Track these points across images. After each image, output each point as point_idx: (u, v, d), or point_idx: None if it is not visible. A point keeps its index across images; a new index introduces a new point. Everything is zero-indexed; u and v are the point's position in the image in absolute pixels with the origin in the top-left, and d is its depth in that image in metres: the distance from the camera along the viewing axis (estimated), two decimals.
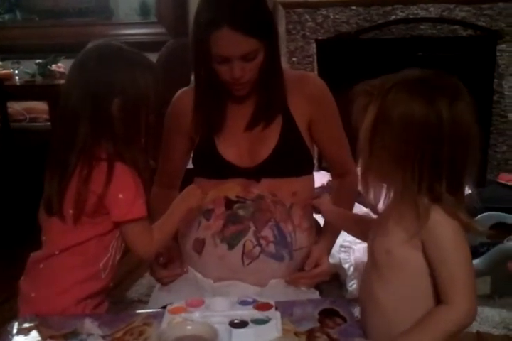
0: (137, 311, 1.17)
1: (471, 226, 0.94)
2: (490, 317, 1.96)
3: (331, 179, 1.55)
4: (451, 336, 0.92)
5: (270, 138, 1.35)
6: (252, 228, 1.30)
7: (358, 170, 1.28)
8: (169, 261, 1.38)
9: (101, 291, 1.21)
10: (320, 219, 1.46)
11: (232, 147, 1.37)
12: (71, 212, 1.15)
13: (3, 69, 3.24)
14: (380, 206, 1.06)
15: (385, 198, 0.99)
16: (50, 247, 1.19)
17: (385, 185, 0.98)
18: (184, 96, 1.42)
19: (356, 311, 1.12)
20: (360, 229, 1.19)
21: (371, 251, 1.02)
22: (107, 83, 1.14)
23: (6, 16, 3.86)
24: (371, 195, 1.00)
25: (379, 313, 0.99)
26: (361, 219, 1.26)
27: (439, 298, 0.94)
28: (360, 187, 1.00)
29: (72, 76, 1.20)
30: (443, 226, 0.92)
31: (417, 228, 0.92)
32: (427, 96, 0.89)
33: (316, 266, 1.33)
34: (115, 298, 1.28)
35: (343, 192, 1.47)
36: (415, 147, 0.89)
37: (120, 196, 1.13)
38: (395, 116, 0.90)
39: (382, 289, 0.99)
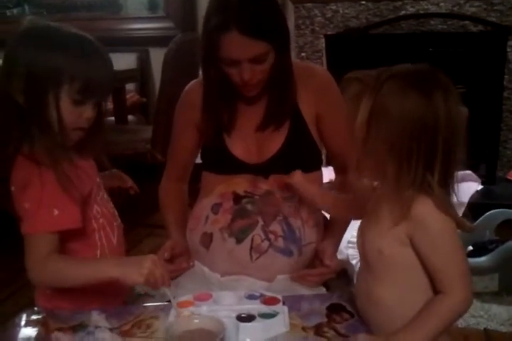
0: (145, 304, 1.17)
1: (460, 222, 0.93)
2: (498, 315, 1.95)
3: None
4: (451, 324, 0.93)
5: (278, 135, 1.35)
6: (260, 222, 1.30)
7: None
8: (176, 255, 1.38)
9: None
10: (328, 215, 1.46)
11: (241, 143, 1.36)
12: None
13: None
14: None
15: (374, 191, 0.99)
16: None
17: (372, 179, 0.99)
18: (196, 88, 1.41)
19: None
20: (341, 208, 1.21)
21: (362, 251, 1.01)
22: (9, 59, 1.03)
23: (15, 10, 3.88)
24: (360, 188, 1.01)
25: (380, 312, 0.98)
26: (339, 199, 1.23)
27: (435, 288, 0.94)
28: (350, 179, 1.00)
29: None
30: (430, 216, 0.91)
31: (401, 218, 0.92)
32: (423, 89, 0.90)
33: (324, 263, 1.30)
34: None
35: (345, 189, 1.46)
36: (411, 138, 0.89)
37: (27, 206, 1.03)
38: (391, 109, 0.89)
39: (379, 288, 0.98)
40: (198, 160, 1.48)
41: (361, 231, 1.03)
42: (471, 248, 2.19)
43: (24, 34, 1.05)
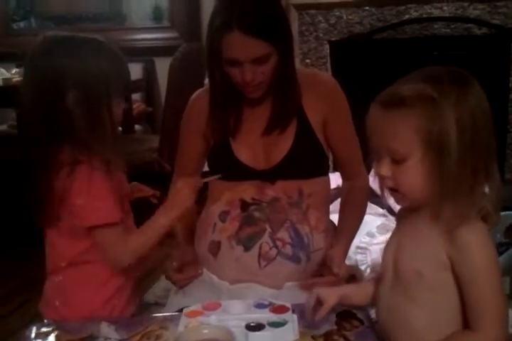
0: (154, 315, 1.17)
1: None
2: (509, 318, 1.93)
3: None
4: None
5: (285, 140, 1.35)
6: (268, 230, 1.30)
7: (371, 173, 1.25)
8: (184, 264, 1.38)
9: (126, 284, 1.21)
10: (336, 221, 1.45)
11: (248, 149, 1.36)
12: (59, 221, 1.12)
13: (19, 76, 3.27)
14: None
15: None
16: (56, 261, 1.18)
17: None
18: (201, 97, 1.42)
19: (373, 313, 1.11)
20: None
21: (394, 270, 0.96)
22: (55, 76, 1.05)
23: (22, 24, 3.91)
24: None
25: (406, 331, 0.93)
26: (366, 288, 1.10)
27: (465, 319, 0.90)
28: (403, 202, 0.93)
29: (23, 76, 1.12)
30: (476, 245, 0.86)
31: (446, 238, 0.86)
32: (473, 80, 0.88)
33: (332, 271, 1.28)
34: None
35: (354, 195, 1.45)
36: (492, 132, 0.87)
37: (78, 201, 1.08)
38: (476, 111, 0.85)
39: (410, 308, 0.92)
40: (205, 169, 1.48)
41: (395, 249, 0.97)
42: None
43: (57, 48, 1.08)
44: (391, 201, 1.00)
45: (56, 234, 1.15)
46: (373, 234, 2.08)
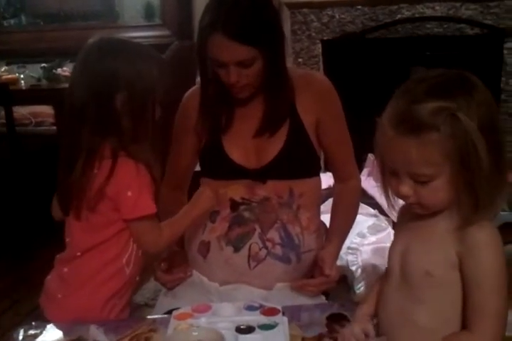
0: (143, 317, 1.16)
1: None
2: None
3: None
4: None
5: (277, 140, 1.34)
6: (258, 230, 1.30)
7: (363, 173, 1.23)
8: (173, 265, 1.37)
9: (127, 287, 1.21)
10: (327, 221, 1.45)
11: (239, 148, 1.36)
12: (84, 211, 1.15)
13: (9, 74, 3.25)
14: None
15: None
16: (73, 248, 1.20)
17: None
18: (193, 95, 1.41)
19: None
20: None
21: (401, 270, 0.94)
22: (108, 77, 1.12)
23: (12, 21, 3.88)
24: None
25: (411, 331, 0.91)
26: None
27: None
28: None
29: (74, 73, 1.19)
30: (487, 247, 0.85)
31: (456, 237, 0.86)
32: (476, 78, 0.86)
33: (324, 273, 1.28)
34: None
35: (346, 196, 1.45)
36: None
37: (126, 193, 1.12)
38: (493, 116, 0.85)
39: (419, 309, 0.90)
40: (197, 169, 1.47)
41: (402, 251, 0.94)
42: None
43: (112, 51, 1.15)
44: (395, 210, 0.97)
45: (78, 224, 1.17)
46: (364, 235, 2.07)
